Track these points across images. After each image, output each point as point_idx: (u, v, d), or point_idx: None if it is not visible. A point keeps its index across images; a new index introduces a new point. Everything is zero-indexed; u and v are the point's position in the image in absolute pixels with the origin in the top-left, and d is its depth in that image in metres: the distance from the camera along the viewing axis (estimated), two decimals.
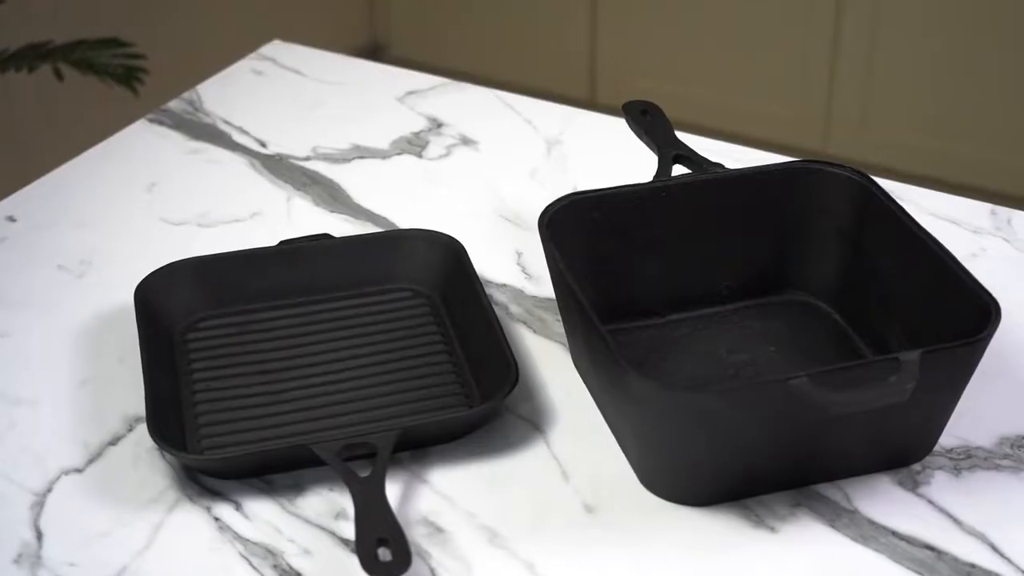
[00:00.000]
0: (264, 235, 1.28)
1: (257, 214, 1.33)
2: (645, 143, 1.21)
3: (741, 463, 0.98)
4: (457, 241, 1.20)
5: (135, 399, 1.09)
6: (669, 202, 1.14)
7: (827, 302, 1.17)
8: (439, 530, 0.98)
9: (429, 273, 1.20)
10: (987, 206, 1.32)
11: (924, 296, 1.06)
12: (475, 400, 1.08)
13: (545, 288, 1.22)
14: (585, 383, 1.10)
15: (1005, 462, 1.03)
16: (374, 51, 3.38)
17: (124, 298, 1.20)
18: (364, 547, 0.91)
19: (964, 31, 2.70)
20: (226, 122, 1.48)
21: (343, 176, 1.39)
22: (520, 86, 1.54)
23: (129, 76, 2.04)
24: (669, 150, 1.18)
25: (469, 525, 0.98)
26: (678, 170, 1.17)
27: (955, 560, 0.95)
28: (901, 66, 2.79)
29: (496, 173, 1.39)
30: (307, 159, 1.42)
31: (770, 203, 1.16)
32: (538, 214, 1.11)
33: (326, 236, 1.22)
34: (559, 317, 1.18)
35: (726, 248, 1.16)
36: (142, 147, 1.44)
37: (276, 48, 1.64)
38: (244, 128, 1.47)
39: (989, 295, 0.99)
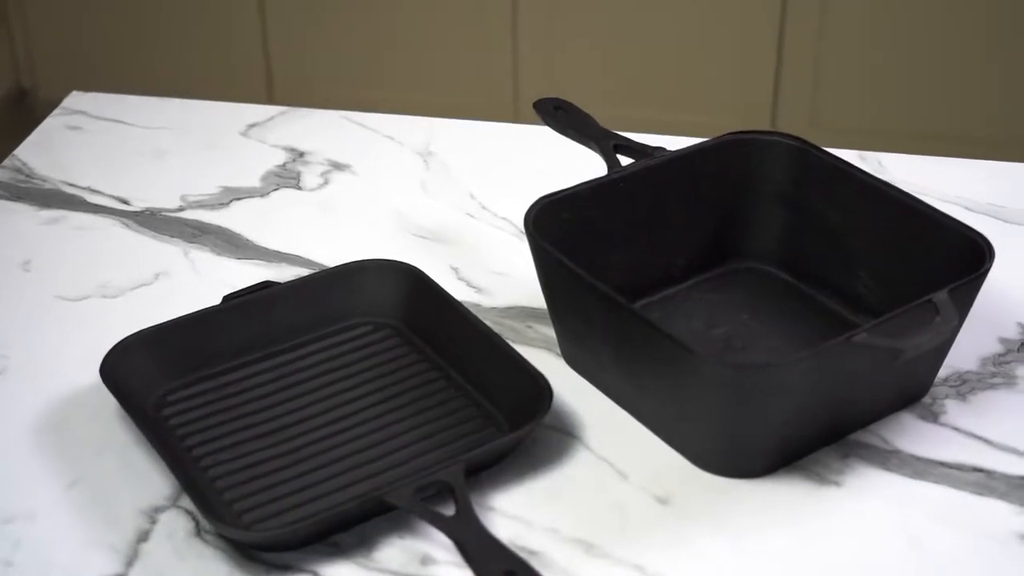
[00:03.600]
0: (183, 294, 1.20)
1: (161, 274, 1.25)
2: (574, 139, 1.21)
3: (796, 428, 1.01)
4: (411, 265, 1.17)
5: (138, 490, 1.01)
6: (627, 192, 1.16)
7: (773, 264, 1.22)
8: (532, 552, 0.96)
9: (387, 303, 1.16)
10: (854, 152, 1.40)
11: (891, 241, 1.13)
12: (498, 419, 1.06)
13: (500, 298, 1.21)
14: (592, 381, 1.10)
15: (996, 380, 1.11)
16: (22, 96, 3.18)
17: (62, 387, 1.11)
18: None
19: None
20: (71, 184, 1.38)
21: (229, 221, 1.32)
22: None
23: None
24: (607, 141, 1.19)
25: (558, 541, 0.97)
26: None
27: (1005, 476, 1.02)
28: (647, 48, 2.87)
29: (385, 193, 1.36)
30: (181, 209, 1.34)
31: (713, 177, 1.19)
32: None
33: (269, 283, 1.16)
34: (528, 324, 1.18)
35: (678, 228, 1.19)
36: None
37: (80, 99, 1.53)
38: (95, 188, 1.37)
39: (973, 230, 1.07)
